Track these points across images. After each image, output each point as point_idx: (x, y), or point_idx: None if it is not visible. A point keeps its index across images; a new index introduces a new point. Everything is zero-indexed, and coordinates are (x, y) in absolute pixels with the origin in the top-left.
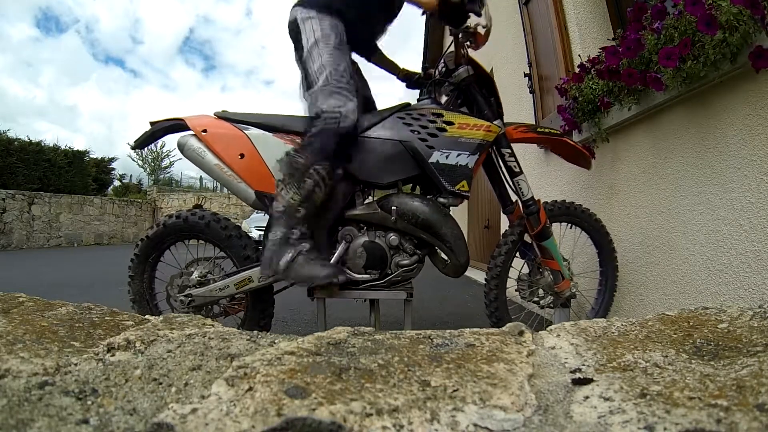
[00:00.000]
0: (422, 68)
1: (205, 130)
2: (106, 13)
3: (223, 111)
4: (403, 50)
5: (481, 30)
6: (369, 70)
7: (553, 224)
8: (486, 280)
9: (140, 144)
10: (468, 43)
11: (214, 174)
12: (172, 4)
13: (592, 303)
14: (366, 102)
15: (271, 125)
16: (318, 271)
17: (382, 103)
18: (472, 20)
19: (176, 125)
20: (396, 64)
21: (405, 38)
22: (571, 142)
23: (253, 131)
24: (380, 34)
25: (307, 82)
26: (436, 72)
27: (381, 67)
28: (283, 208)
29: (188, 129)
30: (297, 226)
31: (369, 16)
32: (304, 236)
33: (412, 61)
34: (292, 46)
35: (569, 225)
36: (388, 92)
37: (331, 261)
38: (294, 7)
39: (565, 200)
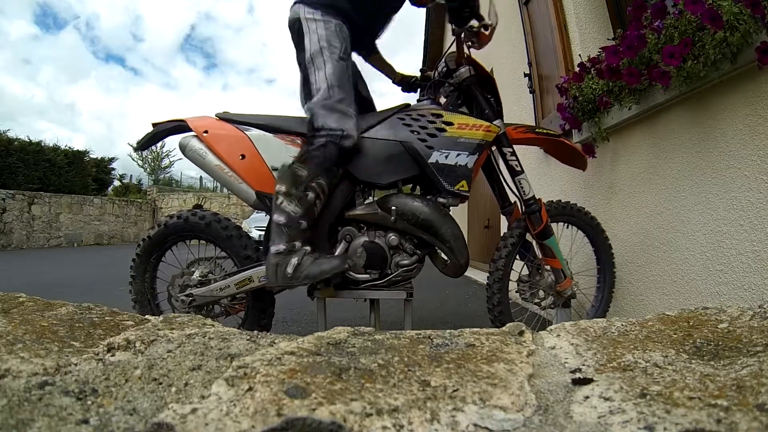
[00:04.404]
0: (420, 70)
1: (206, 132)
2: (106, 9)
3: (224, 112)
4: (404, 50)
5: (484, 29)
6: (367, 71)
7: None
8: (488, 283)
9: (142, 145)
10: (470, 42)
11: (216, 175)
12: (173, 0)
13: (591, 301)
14: (365, 102)
15: (272, 126)
16: (326, 265)
17: (382, 103)
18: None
19: (178, 126)
20: (392, 68)
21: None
22: (569, 144)
23: (254, 132)
24: (383, 30)
25: (308, 88)
26: (436, 73)
27: (377, 69)
28: (285, 221)
29: (190, 130)
30: (299, 237)
31: (375, 13)
32: (305, 242)
33: (413, 59)
34: (292, 43)
35: (566, 225)
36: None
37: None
38: (296, 3)
39: (560, 200)
